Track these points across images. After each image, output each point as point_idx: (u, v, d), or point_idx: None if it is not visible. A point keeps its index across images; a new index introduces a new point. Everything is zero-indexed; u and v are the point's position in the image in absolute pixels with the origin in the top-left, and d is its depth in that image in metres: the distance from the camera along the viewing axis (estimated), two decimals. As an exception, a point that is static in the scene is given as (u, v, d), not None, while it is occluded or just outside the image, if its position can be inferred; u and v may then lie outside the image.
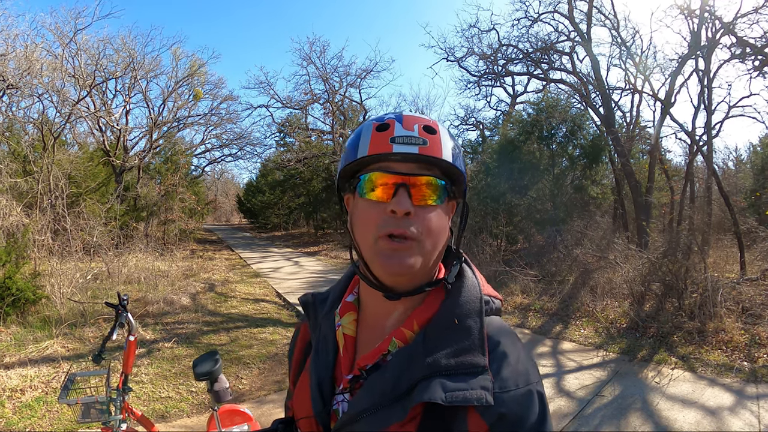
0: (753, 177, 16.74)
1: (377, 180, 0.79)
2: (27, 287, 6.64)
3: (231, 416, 2.98)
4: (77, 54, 15.89)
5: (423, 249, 0.78)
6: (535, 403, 0.73)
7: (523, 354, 0.79)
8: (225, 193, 47.05)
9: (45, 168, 11.08)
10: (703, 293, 6.56)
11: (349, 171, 0.84)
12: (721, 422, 4.04)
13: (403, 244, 0.76)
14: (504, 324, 0.84)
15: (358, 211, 0.82)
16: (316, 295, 1.01)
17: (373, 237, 0.78)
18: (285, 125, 25.74)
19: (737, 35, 9.94)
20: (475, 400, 0.70)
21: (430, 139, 0.78)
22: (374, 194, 0.79)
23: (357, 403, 0.77)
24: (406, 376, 0.75)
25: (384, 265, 0.77)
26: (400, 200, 0.76)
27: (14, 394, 4.44)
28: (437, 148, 0.79)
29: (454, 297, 0.82)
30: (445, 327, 0.79)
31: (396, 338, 0.80)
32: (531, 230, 13.37)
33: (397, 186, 0.77)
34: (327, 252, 18.24)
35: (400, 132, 0.78)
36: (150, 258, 11.87)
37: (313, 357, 0.91)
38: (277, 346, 6.39)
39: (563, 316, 7.48)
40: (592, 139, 13.12)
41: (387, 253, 0.77)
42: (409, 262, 0.77)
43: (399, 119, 0.80)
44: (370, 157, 0.79)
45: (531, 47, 14.54)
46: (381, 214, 0.78)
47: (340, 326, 0.89)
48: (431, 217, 0.79)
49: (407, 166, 0.79)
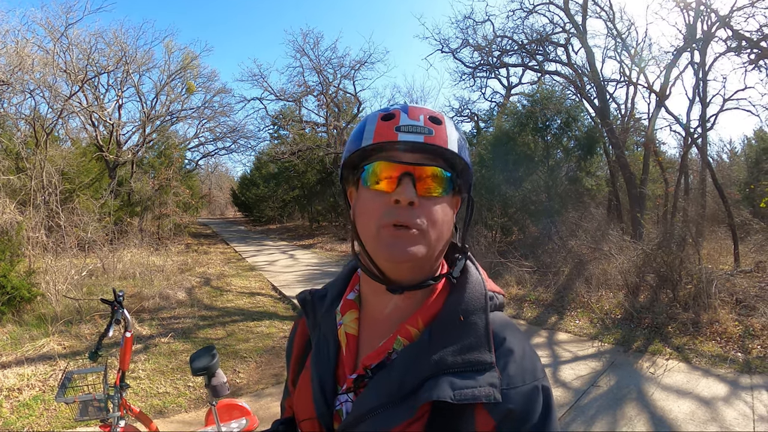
0: (747, 169, 16.85)
1: (382, 169, 0.78)
2: (22, 285, 6.61)
3: (229, 410, 2.99)
4: (69, 49, 15.78)
5: (427, 239, 0.77)
6: (541, 399, 0.74)
7: (528, 349, 0.79)
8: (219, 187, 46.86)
9: (38, 164, 11.02)
10: (698, 285, 6.60)
11: (352, 161, 0.83)
12: (716, 412, 4.08)
13: (407, 232, 0.75)
14: (508, 319, 0.84)
15: (361, 202, 0.81)
16: (314, 292, 0.99)
17: (376, 226, 0.77)
18: (279, 118, 25.58)
19: (733, 28, 9.94)
20: (483, 398, 0.70)
21: (436, 129, 0.78)
22: (379, 185, 0.78)
23: (362, 403, 0.77)
24: (412, 375, 0.74)
25: (387, 253, 0.76)
26: (404, 190, 0.75)
27: (11, 393, 4.43)
28: (443, 138, 0.78)
29: (458, 293, 0.81)
30: (451, 324, 0.78)
31: (401, 336, 0.80)
32: (526, 222, 13.39)
33: (402, 176, 0.76)
34: (322, 245, 18.22)
35: (406, 121, 0.78)
36: (145, 253, 11.81)
37: (314, 356, 0.89)
38: (273, 339, 6.40)
39: (558, 307, 7.53)
40: (587, 131, 13.13)
41: (390, 241, 0.76)
42: (413, 250, 0.76)
43: (405, 110, 0.80)
44: (375, 145, 0.78)
45: (526, 39, 14.51)
46: (385, 204, 0.76)
47: (341, 325, 0.88)
48: (436, 209, 0.78)
49: (412, 156, 0.78)
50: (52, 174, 10.96)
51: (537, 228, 12.58)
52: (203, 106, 23.51)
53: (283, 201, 28.01)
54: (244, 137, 26.35)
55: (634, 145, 14.80)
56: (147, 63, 20.00)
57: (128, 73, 18.97)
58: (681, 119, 12.21)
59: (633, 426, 3.90)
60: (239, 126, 25.86)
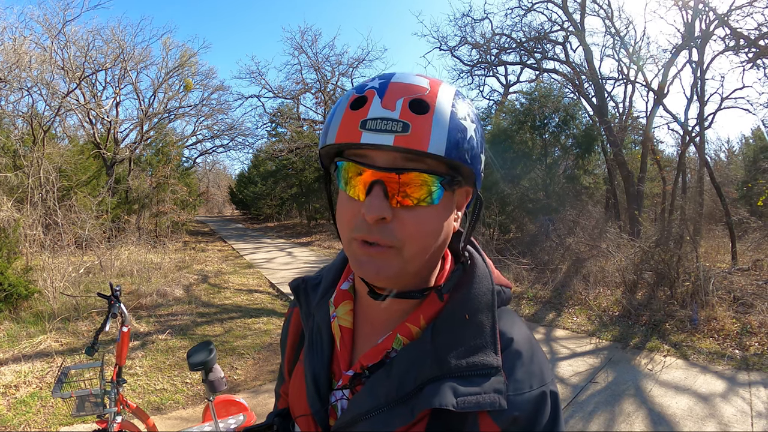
0: (744, 168, 16.91)
1: (349, 173, 0.66)
2: (19, 282, 6.59)
3: (226, 406, 2.98)
4: (66, 46, 15.75)
5: (403, 255, 0.66)
6: (548, 405, 0.68)
7: (537, 350, 0.73)
8: (217, 185, 46.89)
9: (35, 162, 10.98)
10: (695, 282, 6.62)
11: (326, 153, 0.71)
12: (714, 408, 4.09)
13: (378, 250, 0.65)
14: (515, 316, 0.78)
15: (339, 201, 0.70)
16: (307, 279, 0.92)
17: (347, 238, 0.68)
18: (277, 115, 25.57)
19: (731, 27, 9.95)
20: (488, 405, 0.64)
21: (415, 123, 0.60)
22: (348, 188, 0.66)
23: (358, 404, 0.71)
24: (412, 377, 0.68)
25: (357, 269, 0.68)
26: (372, 204, 0.62)
27: (8, 390, 4.41)
28: (423, 134, 0.60)
29: (464, 289, 0.74)
30: (455, 323, 0.71)
31: (401, 334, 0.73)
32: (523, 219, 13.42)
33: (372, 184, 0.63)
34: (320, 242, 18.19)
35: (375, 112, 0.61)
36: (142, 250, 11.79)
37: (307, 350, 0.83)
38: (271, 336, 6.39)
39: (556, 304, 7.54)
40: (585, 129, 13.16)
41: (360, 258, 0.66)
42: (386, 272, 0.66)
43: (381, 90, 0.63)
44: (337, 146, 0.65)
45: (524, 37, 14.52)
46: (355, 214, 0.65)
47: (335, 317, 0.81)
48: (418, 221, 0.65)
49: (386, 157, 0.63)
50: (50, 171, 10.92)
51: (535, 226, 12.61)
52: (201, 103, 23.59)
53: (281, 199, 27.98)
54: (241, 135, 26.45)
55: (632, 144, 14.82)
56: (145, 60, 20.03)
57: (126, 70, 18.95)
58: (679, 118, 12.24)
59: (632, 421, 3.91)
60: (237, 123, 25.99)
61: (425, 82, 0.65)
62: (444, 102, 0.63)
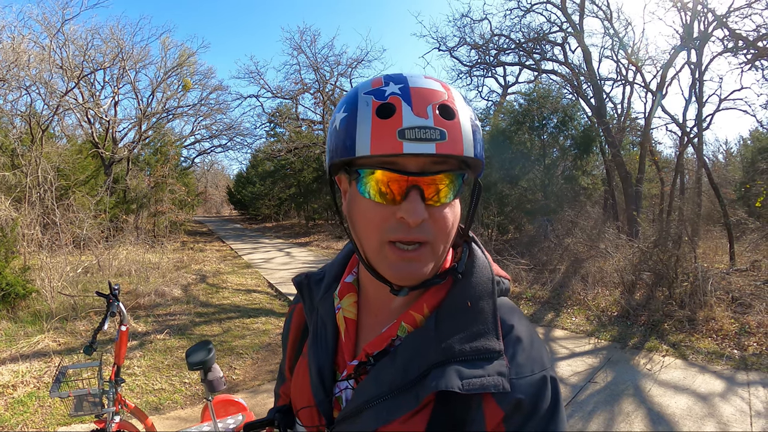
0: (743, 169, 16.93)
1: (383, 181, 0.67)
2: (17, 282, 6.57)
3: (225, 406, 2.97)
4: (65, 45, 15.73)
5: (436, 252, 0.70)
6: (549, 390, 0.70)
7: (535, 337, 0.75)
8: (215, 185, 46.88)
9: (33, 161, 10.96)
10: (694, 282, 6.63)
11: (340, 162, 0.71)
12: (713, 408, 4.10)
13: (415, 252, 0.68)
14: (514, 305, 0.80)
15: (359, 206, 0.71)
16: (311, 275, 0.93)
17: (379, 242, 0.69)
18: (275, 115, 25.61)
19: (730, 28, 9.97)
20: (492, 387, 0.66)
21: (450, 129, 0.64)
22: (377, 195, 0.68)
23: (363, 392, 0.73)
24: (417, 363, 0.70)
25: (390, 273, 0.70)
26: (414, 208, 0.65)
27: (6, 390, 4.39)
28: (458, 139, 0.65)
29: (465, 278, 0.76)
30: (458, 310, 0.73)
31: (405, 322, 0.75)
32: (522, 220, 13.44)
33: (409, 189, 0.66)
34: (318, 242, 18.19)
35: (411, 121, 0.63)
36: (140, 250, 11.76)
37: (312, 342, 0.85)
38: (270, 335, 6.38)
39: (555, 305, 7.54)
40: (583, 130, 13.17)
41: (395, 263, 0.69)
42: (422, 271, 0.70)
43: (406, 96, 0.65)
44: (374, 158, 0.66)
45: (523, 37, 14.54)
46: (388, 218, 0.68)
47: (340, 309, 0.83)
48: (446, 216, 0.69)
49: (418, 162, 0.66)
50: (48, 171, 10.89)
51: (533, 226, 12.62)
52: (199, 103, 23.60)
53: (279, 199, 27.98)
54: (240, 135, 26.49)
55: (631, 145, 14.84)
56: (143, 60, 20.02)
57: (124, 69, 18.94)
58: (677, 119, 12.26)
59: (631, 421, 3.91)
60: (235, 123, 26.03)
61: (439, 86, 0.69)
62: (461, 105, 0.68)
